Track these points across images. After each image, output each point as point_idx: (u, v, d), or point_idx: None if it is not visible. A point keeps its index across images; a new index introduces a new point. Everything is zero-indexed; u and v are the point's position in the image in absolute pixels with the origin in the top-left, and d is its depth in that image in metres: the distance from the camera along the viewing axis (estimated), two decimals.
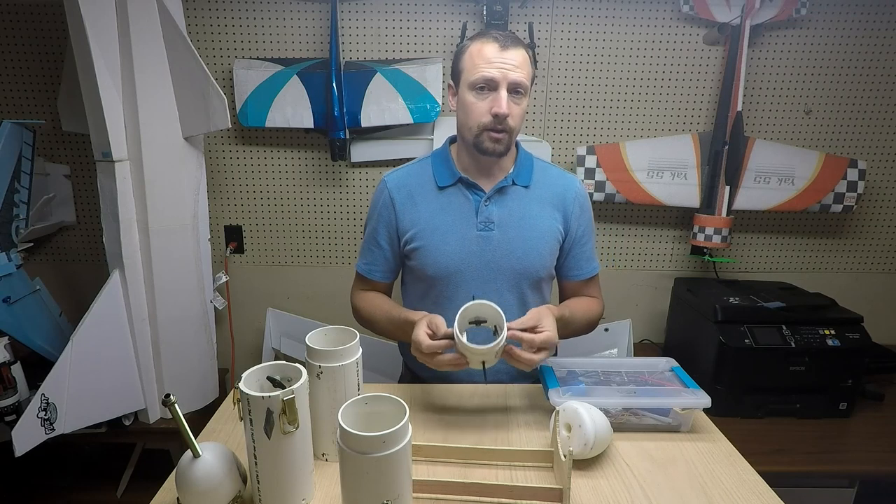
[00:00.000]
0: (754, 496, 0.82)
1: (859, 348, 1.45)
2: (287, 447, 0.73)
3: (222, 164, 1.88)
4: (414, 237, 1.17)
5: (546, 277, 1.20)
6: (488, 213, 1.14)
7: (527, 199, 1.17)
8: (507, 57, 1.05)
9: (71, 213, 1.90)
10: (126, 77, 1.45)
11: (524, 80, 1.06)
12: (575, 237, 1.20)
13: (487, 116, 1.06)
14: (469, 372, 1.19)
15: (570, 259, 1.21)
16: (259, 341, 1.98)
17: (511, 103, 1.06)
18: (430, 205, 1.17)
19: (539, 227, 1.16)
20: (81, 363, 1.46)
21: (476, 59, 1.06)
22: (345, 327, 0.91)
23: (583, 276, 1.22)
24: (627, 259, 1.99)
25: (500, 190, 1.15)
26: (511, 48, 1.05)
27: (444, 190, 1.17)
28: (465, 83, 1.09)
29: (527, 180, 1.17)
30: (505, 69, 1.04)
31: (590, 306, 1.21)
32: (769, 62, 1.81)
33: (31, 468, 1.93)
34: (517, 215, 1.15)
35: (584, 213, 1.20)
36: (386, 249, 1.21)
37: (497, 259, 1.14)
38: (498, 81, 1.05)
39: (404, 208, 1.18)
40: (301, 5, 1.75)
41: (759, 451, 1.34)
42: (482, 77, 1.05)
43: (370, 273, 1.23)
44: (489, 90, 1.06)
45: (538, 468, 0.87)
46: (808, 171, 1.78)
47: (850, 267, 1.99)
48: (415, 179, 1.20)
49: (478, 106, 1.07)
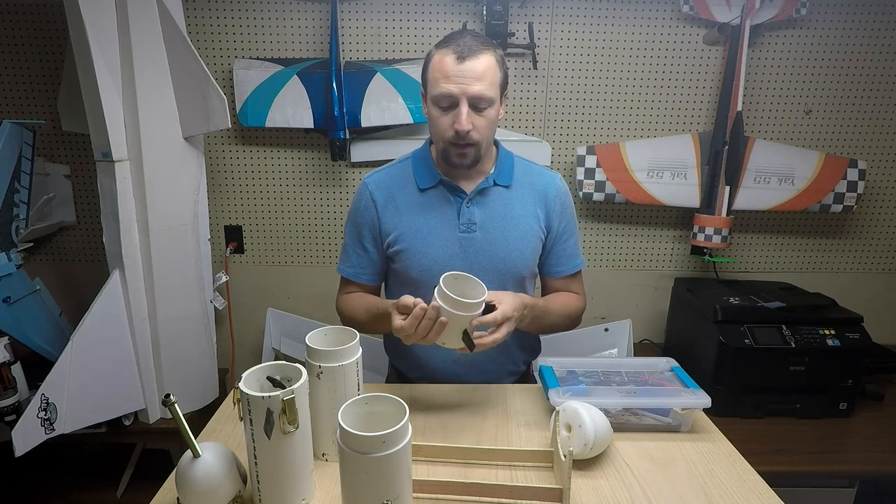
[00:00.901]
0: (754, 496, 0.82)
1: (859, 348, 1.45)
2: (287, 447, 0.73)
3: (222, 164, 1.88)
4: (396, 240, 1.16)
5: (529, 276, 1.20)
6: (470, 215, 1.14)
7: (508, 198, 1.16)
8: (465, 70, 1.01)
9: (71, 213, 1.90)
10: (126, 77, 1.45)
11: (485, 91, 1.02)
12: (556, 234, 1.20)
13: (451, 131, 1.05)
14: (466, 371, 1.20)
15: (551, 256, 1.21)
16: (259, 341, 1.98)
17: (474, 116, 1.04)
18: (411, 207, 1.16)
19: (521, 226, 1.16)
20: (81, 363, 1.46)
21: (436, 73, 1.04)
22: (345, 327, 0.91)
23: (564, 273, 1.22)
24: (627, 259, 1.99)
25: (482, 191, 1.15)
26: (469, 59, 1.01)
27: (425, 192, 1.16)
28: (429, 97, 1.08)
29: (508, 180, 1.17)
30: (463, 84, 1.01)
31: (568, 301, 1.21)
32: (769, 62, 1.81)
33: (31, 468, 1.93)
34: (499, 215, 1.15)
35: (565, 209, 1.20)
36: (372, 252, 1.20)
37: (480, 260, 1.14)
38: (457, 97, 1.02)
39: (386, 210, 1.17)
40: (301, 5, 1.75)
41: (759, 451, 1.34)
42: (441, 93, 1.03)
43: (357, 276, 1.21)
44: (451, 107, 1.04)
45: (538, 468, 0.87)
46: (808, 171, 1.78)
47: (850, 267, 1.99)
48: (396, 181, 1.18)
49: (441, 121, 1.06)
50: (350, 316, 1.19)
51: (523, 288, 1.20)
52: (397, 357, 1.30)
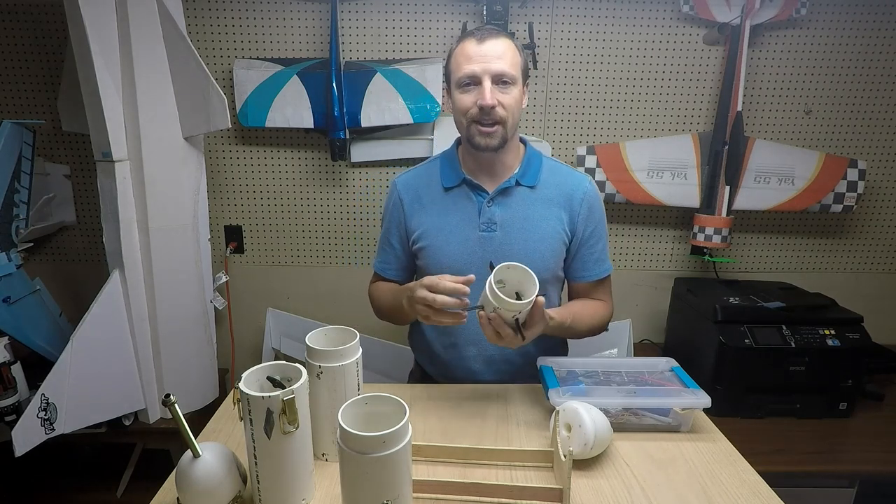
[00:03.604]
0: (754, 496, 0.82)
1: (859, 348, 1.45)
2: (287, 447, 0.73)
3: (222, 164, 1.88)
4: (420, 237, 1.19)
5: (550, 279, 1.19)
6: (491, 214, 1.15)
7: (531, 199, 1.16)
8: (486, 49, 1.05)
9: (71, 213, 1.90)
10: (126, 77, 1.45)
11: (507, 68, 1.06)
12: (582, 238, 1.18)
13: (475, 108, 1.07)
14: (471, 371, 1.20)
15: (577, 261, 1.20)
16: (259, 341, 1.98)
17: (498, 93, 1.06)
18: (435, 205, 1.18)
19: (542, 228, 1.15)
20: (81, 363, 1.45)
21: (459, 59, 1.08)
22: (345, 327, 0.91)
23: (590, 279, 1.21)
24: (627, 259, 1.99)
25: (504, 191, 1.15)
26: (488, 39, 1.06)
27: (449, 191, 1.18)
28: (453, 84, 1.11)
29: (533, 180, 1.17)
30: (484, 62, 1.05)
31: (595, 311, 1.19)
32: (769, 62, 1.81)
33: (31, 468, 1.93)
34: (520, 216, 1.15)
35: (592, 213, 1.18)
36: (397, 249, 1.24)
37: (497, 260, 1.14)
38: (480, 75, 1.06)
39: (412, 209, 1.20)
40: (301, 5, 1.75)
41: (759, 451, 1.34)
42: (464, 74, 1.07)
43: (384, 271, 1.28)
44: (474, 86, 1.07)
45: (538, 468, 0.87)
46: (808, 171, 1.78)
47: (850, 267, 1.99)
48: (423, 181, 1.22)
49: (464, 99, 1.08)
50: (377, 302, 1.27)
51: (545, 291, 1.19)
52: (419, 352, 1.32)
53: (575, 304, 1.20)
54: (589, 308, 1.18)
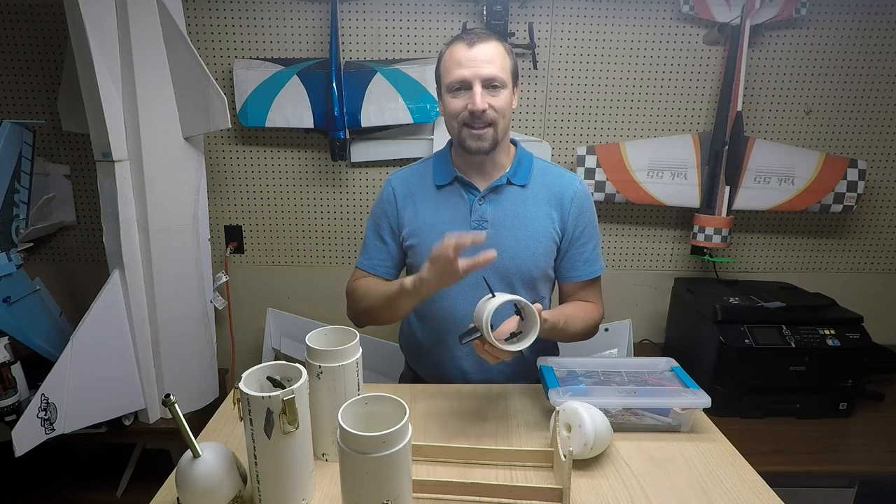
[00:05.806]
0: (754, 496, 0.82)
1: (859, 348, 1.45)
2: (287, 447, 0.73)
3: (222, 164, 1.88)
4: (410, 234, 1.19)
5: (540, 277, 1.19)
6: (482, 212, 1.15)
7: (522, 198, 1.17)
8: (476, 54, 1.05)
9: (71, 213, 1.90)
10: (126, 77, 1.45)
11: (497, 72, 1.06)
12: (572, 238, 1.18)
13: (465, 112, 1.08)
14: (461, 370, 1.20)
15: (566, 260, 1.20)
16: (259, 341, 1.98)
17: (488, 96, 1.06)
18: (427, 203, 1.19)
19: (533, 226, 1.15)
20: (81, 363, 1.45)
21: (448, 63, 1.09)
22: (345, 327, 0.91)
23: (580, 279, 1.20)
24: (627, 259, 1.99)
25: (495, 189, 1.16)
26: (479, 44, 1.06)
27: (441, 189, 1.19)
28: (443, 87, 1.11)
29: (524, 179, 1.17)
30: (474, 67, 1.05)
31: (587, 313, 1.18)
32: (769, 62, 1.81)
33: (31, 468, 1.93)
34: (511, 214, 1.15)
35: (583, 213, 1.19)
36: (390, 244, 1.23)
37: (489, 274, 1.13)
38: (470, 80, 1.06)
39: (405, 205, 1.20)
40: (301, 5, 1.75)
41: (759, 451, 1.34)
42: (455, 79, 1.07)
43: (374, 269, 1.22)
44: (465, 90, 1.08)
45: (538, 468, 0.88)
46: (808, 171, 1.78)
47: (850, 267, 1.99)
48: (416, 179, 1.22)
49: (455, 103, 1.09)
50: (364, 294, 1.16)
51: (535, 290, 1.19)
52: (409, 353, 1.31)
53: (567, 306, 1.20)
54: (581, 311, 1.17)
